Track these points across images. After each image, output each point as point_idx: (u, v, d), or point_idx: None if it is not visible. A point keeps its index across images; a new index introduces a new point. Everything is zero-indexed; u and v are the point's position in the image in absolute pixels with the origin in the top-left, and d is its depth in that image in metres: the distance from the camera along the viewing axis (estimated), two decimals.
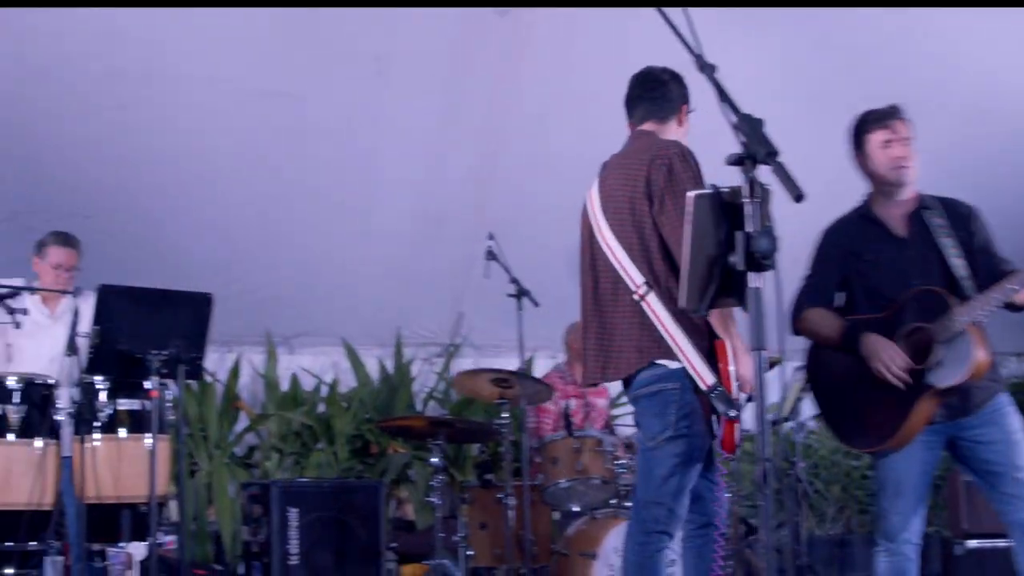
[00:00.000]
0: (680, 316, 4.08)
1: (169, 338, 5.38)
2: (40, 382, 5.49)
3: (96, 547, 5.45)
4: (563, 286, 5.68)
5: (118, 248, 7.13)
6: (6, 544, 5.34)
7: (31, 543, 5.39)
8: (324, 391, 8.41)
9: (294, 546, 5.75)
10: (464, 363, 8.42)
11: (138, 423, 5.48)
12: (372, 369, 8.57)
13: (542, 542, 6.28)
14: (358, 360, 8.54)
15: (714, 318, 4.11)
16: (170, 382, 5.51)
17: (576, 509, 6.27)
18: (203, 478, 7.60)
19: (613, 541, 5.72)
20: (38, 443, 5.38)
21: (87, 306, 5.55)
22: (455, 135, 7.42)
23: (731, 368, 4.09)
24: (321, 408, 8.32)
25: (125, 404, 5.50)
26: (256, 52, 6.74)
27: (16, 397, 5.37)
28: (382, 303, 8.26)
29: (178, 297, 5.53)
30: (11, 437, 5.36)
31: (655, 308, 4.11)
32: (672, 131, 4.38)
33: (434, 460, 5.80)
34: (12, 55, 6.55)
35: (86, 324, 5.49)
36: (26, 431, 5.38)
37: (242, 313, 7.63)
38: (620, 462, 6.13)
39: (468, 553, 5.91)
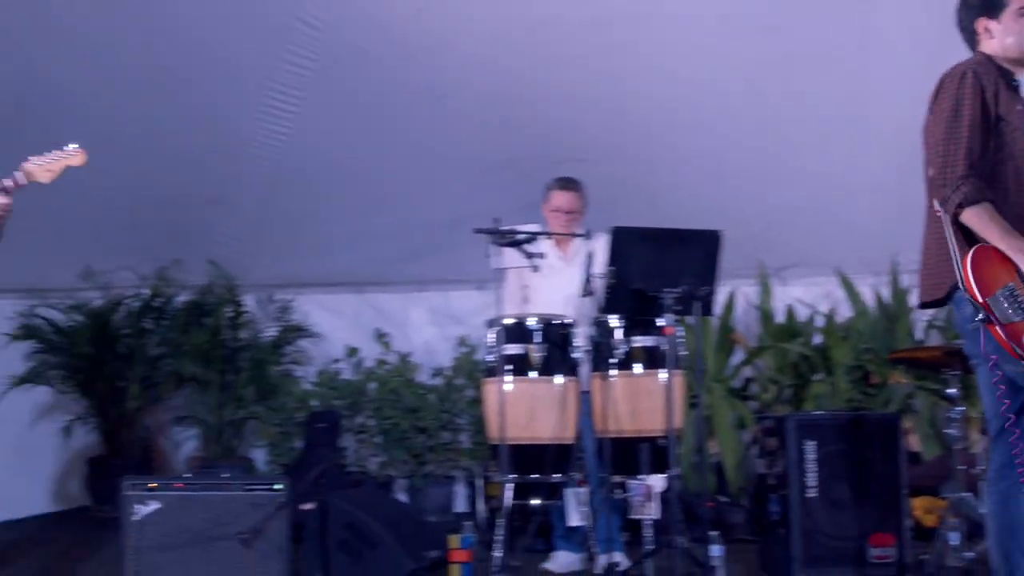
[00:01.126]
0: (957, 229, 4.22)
1: (681, 276, 5.54)
2: (558, 322, 5.81)
3: (616, 479, 5.70)
4: None
5: (610, 189, 7.34)
6: (532, 476, 5.73)
7: (555, 475, 5.76)
8: (819, 322, 8.43)
9: (811, 479, 5.82)
10: None
11: (653, 359, 5.70)
12: (867, 298, 8.50)
13: None
14: (853, 289, 8.50)
15: (975, 221, 4.15)
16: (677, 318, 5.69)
17: None
18: (703, 411, 7.80)
19: None
20: (559, 380, 5.72)
21: (600, 247, 5.80)
22: (949, 48, 7.16)
23: (970, 273, 4.08)
24: (817, 339, 8.34)
25: (640, 341, 5.71)
26: None
27: (537, 337, 5.73)
28: (876, 230, 8.12)
29: (688, 235, 5.67)
30: (533, 375, 5.71)
31: (946, 224, 4.24)
32: (993, 46, 4.45)
33: (951, 391, 5.70)
34: (507, 10, 6.95)
35: (600, 265, 5.75)
36: (547, 369, 5.72)
37: (734, 247, 7.73)
38: None
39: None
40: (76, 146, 4.48)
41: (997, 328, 4.06)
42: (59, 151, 4.48)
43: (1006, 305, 4.06)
